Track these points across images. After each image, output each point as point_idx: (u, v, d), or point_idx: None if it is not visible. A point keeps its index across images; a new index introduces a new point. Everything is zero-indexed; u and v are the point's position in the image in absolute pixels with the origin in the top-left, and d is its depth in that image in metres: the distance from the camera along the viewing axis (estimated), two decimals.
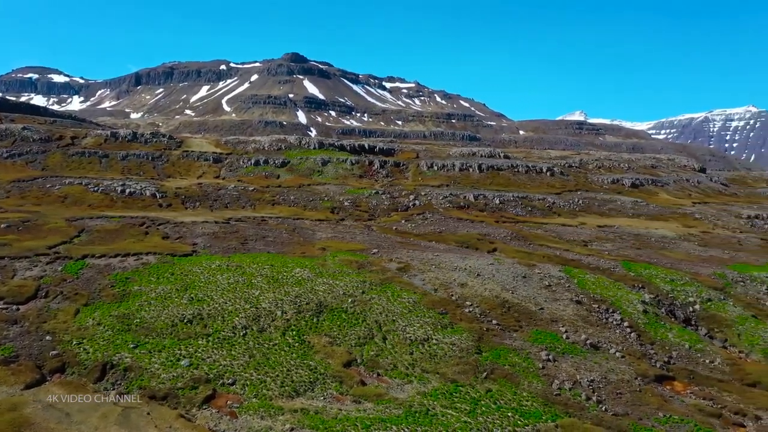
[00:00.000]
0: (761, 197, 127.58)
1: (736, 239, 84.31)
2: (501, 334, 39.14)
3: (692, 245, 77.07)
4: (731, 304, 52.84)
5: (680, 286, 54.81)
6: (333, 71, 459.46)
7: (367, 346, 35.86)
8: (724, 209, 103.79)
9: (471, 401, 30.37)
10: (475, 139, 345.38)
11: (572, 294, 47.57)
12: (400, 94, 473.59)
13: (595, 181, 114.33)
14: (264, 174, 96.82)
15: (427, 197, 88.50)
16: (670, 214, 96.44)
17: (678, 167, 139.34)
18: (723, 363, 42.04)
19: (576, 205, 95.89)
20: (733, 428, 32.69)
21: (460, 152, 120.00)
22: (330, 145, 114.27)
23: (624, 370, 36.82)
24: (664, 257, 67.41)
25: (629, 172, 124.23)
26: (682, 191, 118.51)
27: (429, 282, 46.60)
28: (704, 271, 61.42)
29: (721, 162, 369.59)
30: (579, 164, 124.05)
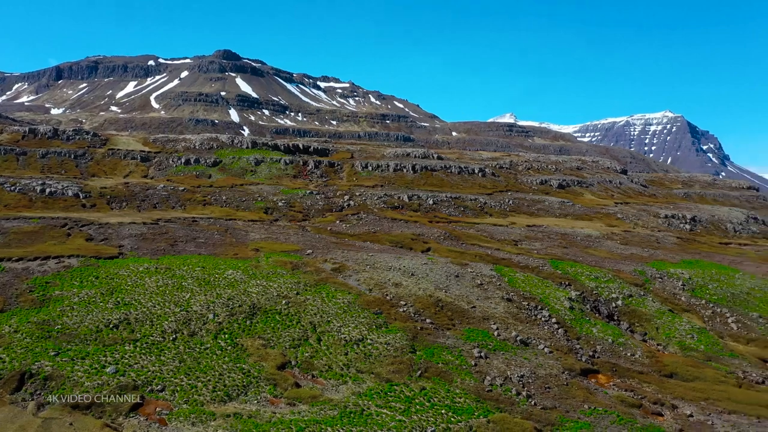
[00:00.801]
0: (677, 198, 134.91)
1: (655, 238, 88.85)
2: (435, 333, 39.72)
3: (615, 244, 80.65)
4: (650, 300, 55.65)
5: (604, 283, 57.24)
6: (266, 69, 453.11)
7: (301, 347, 35.60)
8: (644, 209, 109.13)
9: (405, 400, 30.67)
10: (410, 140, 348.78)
11: (503, 292, 48.83)
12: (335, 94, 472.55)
13: (525, 182, 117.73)
14: (195, 173, 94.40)
15: (362, 197, 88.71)
16: (594, 213, 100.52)
17: (601, 169, 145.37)
18: (643, 355, 44.22)
19: (506, 205, 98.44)
20: (652, 417, 34.43)
21: (395, 153, 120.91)
22: (263, 145, 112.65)
23: (552, 364, 38.10)
24: (589, 255, 70.21)
25: (556, 174, 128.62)
26: (605, 192, 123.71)
27: (364, 282, 46.74)
28: (626, 268, 64.40)
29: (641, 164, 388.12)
30: (509, 166, 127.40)
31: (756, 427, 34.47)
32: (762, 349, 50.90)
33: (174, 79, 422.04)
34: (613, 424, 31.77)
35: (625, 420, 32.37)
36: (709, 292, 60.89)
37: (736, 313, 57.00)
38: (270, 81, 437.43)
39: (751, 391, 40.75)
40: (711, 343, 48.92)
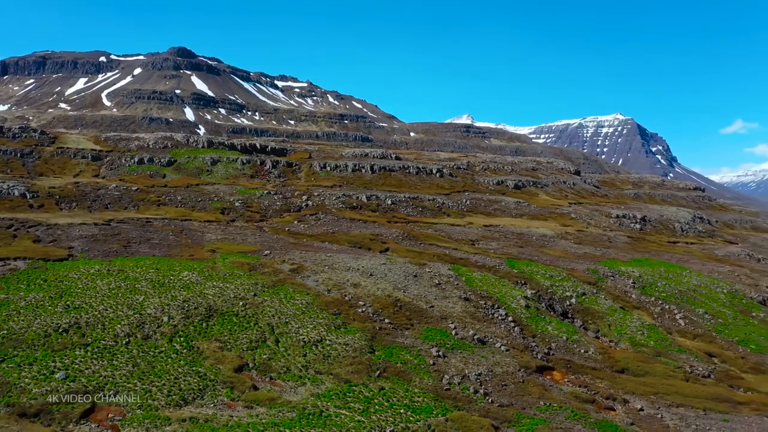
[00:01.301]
0: (628, 198, 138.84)
1: (607, 237, 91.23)
2: (393, 333, 39.86)
3: (569, 243, 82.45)
4: (603, 297, 57.11)
5: (558, 281, 58.45)
6: (223, 68, 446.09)
7: (259, 349, 35.21)
8: (597, 209, 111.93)
9: (364, 400, 30.68)
10: (368, 140, 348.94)
11: (461, 291, 49.35)
12: (293, 94, 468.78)
13: (482, 183, 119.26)
14: (149, 173, 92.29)
15: (320, 198, 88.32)
16: (549, 213, 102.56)
17: (556, 170, 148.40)
18: (596, 352, 45.36)
19: (464, 205, 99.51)
20: (605, 412, 35.36)
21: (353, 153, 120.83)
22: (220, 144, 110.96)
23: (508, 362, 38.72)
24: (544, 255, 71.59)
25: (512, 174, 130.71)
26: (559, 192, 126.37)
27: (322, 283, 46.55)
28: (579, 267, 65.92)
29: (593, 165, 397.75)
30: (466, 166, 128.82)
31: (702, 420, 35.78)
32: (707, 344, 52.86)
33: (127, 76, 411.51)
34: (567, 419, 32.49)
35: (579, 415, 33.15)
36: (658, 289, 62.87)
37: (684, 310, 59.03)
38: (226, 79, 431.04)
39: (697, 385, 42.26)
40: (660, 339, 50.53)
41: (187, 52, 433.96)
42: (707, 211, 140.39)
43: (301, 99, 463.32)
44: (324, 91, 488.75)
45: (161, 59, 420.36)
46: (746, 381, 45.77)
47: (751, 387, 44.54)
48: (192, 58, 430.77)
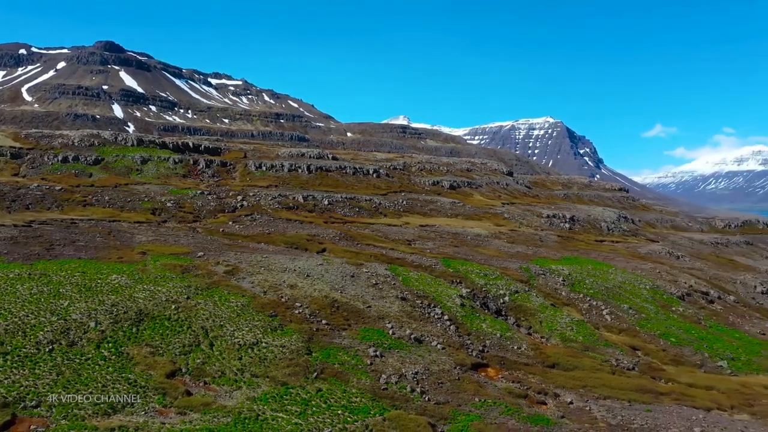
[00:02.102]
0: (558, 198, 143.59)
1: (538, 236, 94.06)
2: (331, 334, 39.72)
3: (502, 242, 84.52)
4: (534, 295, 58.84)
5: (492, 280, 59.80)
6: (153, 63, 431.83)
7: (192, 353, 34.31)
8: (528, 209, 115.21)
9: (302, 402, 30.44)
10: (304, 140, 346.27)
11: (398, 291, 49.71)
12: (227, 92, 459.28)
13: (418, 183, 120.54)
14: (74, 172, 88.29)
15: (256, 198, 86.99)
16: (483, 213, 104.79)
17: (490, 171, 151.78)
18: (528, 348, 46.68)
19: (400, 205, 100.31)
20: (537, 406, 36.46)
21: (289, 153, 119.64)
22: (150, 142, 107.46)
23: (444, 360, 39.31)
24: (478, 254, 73.11)
25: (448, 175, 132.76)
26: (493, 193, 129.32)
27: (258, 284, 45.84)
28: (512, 265, 67.67)
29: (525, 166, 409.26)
30: (403, 167, 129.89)
31: (628, 410, 37.45)
32: (632, 338, 55.37)
33: (49, 70, 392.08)
34: (501, 414, 33.30)
35: (513, 410, 34.05)
36: (586, 286, 65.33)
37: (610, 306, 61.61)
38: (157, 76, 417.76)
39: (623, 377, 44.21)
40: (588, 334, 52.53)
41: (116, 47, 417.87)
42: (631, 210, 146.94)
43: (235, 97, 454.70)
44: (259, 90, 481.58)
45: (87, 53, 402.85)
46: (667, 372, 48.23)
47: (672, 378, 46.96)
48: (120, 53, 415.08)
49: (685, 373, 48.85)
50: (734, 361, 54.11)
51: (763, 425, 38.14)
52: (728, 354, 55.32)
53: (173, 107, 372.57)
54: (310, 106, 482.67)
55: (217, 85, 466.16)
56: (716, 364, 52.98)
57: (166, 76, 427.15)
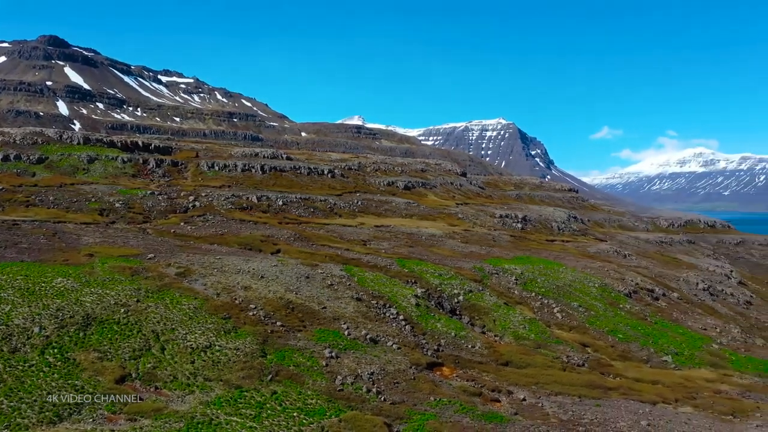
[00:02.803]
0: (510, 199, 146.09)
1: (491, 236, 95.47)
2: (286, 335, 39.38)
3: (456, 242, 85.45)
4: (488, 294, 59.71)
5: (447, 279, 60.39)
6: (100, 59, 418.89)
7: (143, 358, 33.44)
8: (482, 209, 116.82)
9: (256, 405, 30.07)
10: (258, 139, 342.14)
11: (353, 292, 49.66)
12: (178, 90, 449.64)
13: (373, 183, 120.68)
14: (16, 171, 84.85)
15: (208, 198, 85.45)
16: (437, 214, 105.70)
17: (444, 171, 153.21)
18: (482, 347, 47.33)
19: (355, 206, 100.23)
20: (491, 404, 37.02)
21: (243, 153, 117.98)
22: (98, 141, 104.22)
23: (400, 360, 39.48)
24: (433, 254, 73.71)
25: (402, 176, 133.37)
26: (447, 193, 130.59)
27: (211, 286, 45.06)
28: (466, 265, 68.49)
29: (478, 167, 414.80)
30: (358, 167, 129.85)
31: (578, 406, 38.42)
32: (582, 335, 56.83)
33: None
34: (456, 413, 33.66)
35: (467, 408, 34.46)
36: (538, 285, 66.69)
37: (561, 304, 63.07)
38: (105, 72, 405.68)
39: (573, 374, 45.32)
40: (540, 332, 53.64)
41: (60, 42, 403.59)
42: (580, 211, 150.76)
43: (187, 95, 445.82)
44: (212, 88, 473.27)
45: (29, 48, 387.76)
46: (615, 368, 49.70)
47: (619, 373, 48.42)
48: (65, 48, 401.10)
49: (632, 369, 50.46)
50: (678, 355, 56.21)
51: (705, 417, 39.73)
52: (672, 349, 57.44)
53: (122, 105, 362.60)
54: (264, 106, 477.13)
55: (168, 82, 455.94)
56: (661, 358, 54.92)
57: (114, 73, 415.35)
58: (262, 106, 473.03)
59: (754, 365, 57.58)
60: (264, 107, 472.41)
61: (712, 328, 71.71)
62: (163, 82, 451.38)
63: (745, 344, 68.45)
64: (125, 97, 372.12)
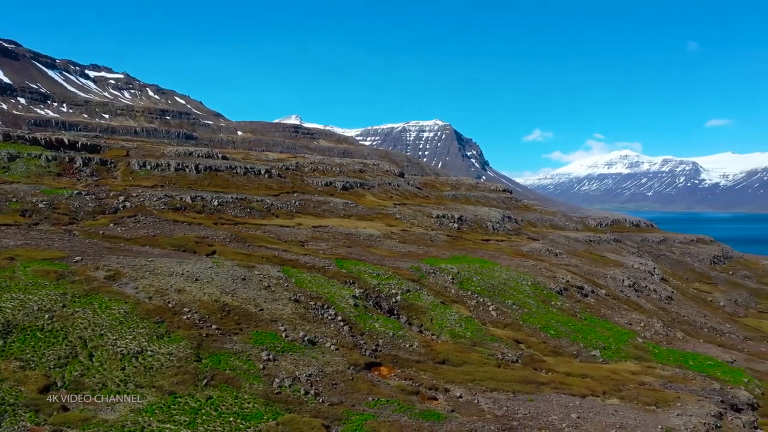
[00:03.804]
0: (447, 199, 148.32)
1: (429, 236, 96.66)
2: (221, 339, 38.60)
3: (394, 242, 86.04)
4: (425, 294, 60.43)
5: (385, 280, 60.73)
6: (22, 52, 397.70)
7: (69, 366, 32.02)
8: (419, 210, 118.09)
9: (191, 411, 29.36)
10: (192, 138, 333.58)
11: (290, 293, 49.21)
12: (107, 85, 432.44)
13: (311, 184, 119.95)
14: None
15: (140, 198, 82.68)
16: (375, 214, 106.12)
17: (382, 172, 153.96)
18: (420, 346, 47.86)
19: (293, 206, 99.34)
20: (428, 402, 37.50)
21: (176, 151, 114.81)
22: (19, 138, 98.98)
23: (338, 361, 39.42)
24: (371, 254, 73.94)
25: (341, 176, 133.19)
26: (385, 194, 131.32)
27: (143, 290, 43.61)
28: (404, 265, 69.07)
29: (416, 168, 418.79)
30: (295, 167, 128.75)
31: (512, 401, 39.44)
32: (516, 332, 58.36)
33: None
34: (394, 412, 33.92)
35: (405, 407, 34.79)
36: (473, 284, 68.02)
37: (496, 302, 64.55)
38: (27, 65, 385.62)
39: (508, 370, 46.48)
40: (476, 330, 54.73)
41: None
42: (514, 211, 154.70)
43: (116, 91, 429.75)
44: (143, 84, 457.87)
45: None
46: (547, 363, 51.31)
47: (551, 368, 50.02)
48: None
49: (563, 363, 52.24)
50: (606, 350, 58.60)
51: (631, 408, 41.63)
52: (600, 344, 59.83)
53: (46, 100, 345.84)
54: (199, 103, 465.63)
55: (96, 77, 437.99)
56: (590, 353, 57.11)
57: (38, 66, 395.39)
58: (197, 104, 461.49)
59: (675, 357, 60.76)
60: (198, 105, 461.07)
61: (637, 322, 75.20)
62: (90, 77, 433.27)
63: (667, 337, 72.14)
64: (49, 92, 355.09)
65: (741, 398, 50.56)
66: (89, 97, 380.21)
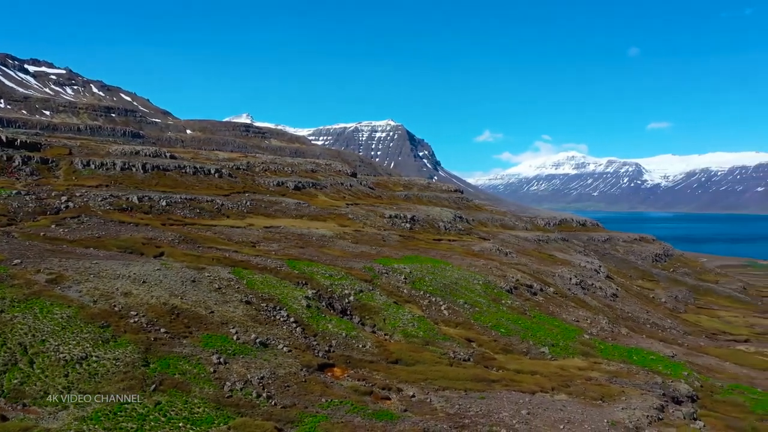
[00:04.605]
0: (399, 199, 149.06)
1: (381, 236, 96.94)
2: (170, 343, 37.73)
3: (347, 243, 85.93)
4: (378, 294, 60.58)
5: (337, 280, 60.59)
6: None
7: (8, 374, 30.69)
8: (372, 210, 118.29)
9: (138, 418, 28.59)
10: (139, 136, 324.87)
11: (242, 295, 48.53)
12: (48, 81, 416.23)
13: (262, 184, 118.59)
14: None
15: (84, 199, 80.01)
16: (328, 214, 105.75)
17: (334, 172, 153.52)
18: (373, 346, 47.95)
19: (244, 206, 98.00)
20: (382, 402, 37.60)
21: (122, 150, 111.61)
22: None
23: (291, 363, 39.10)
24: (323, 254, 73.64)
25: (293, 176, 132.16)
26: (338, 194, 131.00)
27: (87, 293, 42.19)
28: (357, 265, 69.06)
29: (368, 168, 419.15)
30: (247, 167, 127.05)
31: (464, 399, 39.94)
32: (467, 331, 59.14)
33: None
34: (347, 413, 33.86)
35: (358, 408, 34.78)
36: (426, 283, 68.58)
37: (448, 301, 65.25)
38: None
39: (459, 369, 47.05)
40: (428, 329, 55.20)
41: None
42: (465, 210, 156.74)
43: (58, 87, 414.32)
44: (87, 80, 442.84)
45: None
46: (498, 361, 52.20)
47: (502, 366, 50.92)
48: None
49: (514, 361, 53.25)
50: (554, 347, 60.03)
51: (578, 403, 42.79)
52: (549, 341, 61.25)
53: None
54: (146, 101, 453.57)
55: (36, 72, 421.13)
56: (539, 350, 58.40)
57: None
58: (144, 101, 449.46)
59: (620, 353, 62.77)
60: (145, 102, 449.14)
61: (584, 319, 77.33)
62: (30, 72, 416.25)
63: (612, 333, 74.46)
64: None
65: (681, 391, 52.65)
66: (29, 92, 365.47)
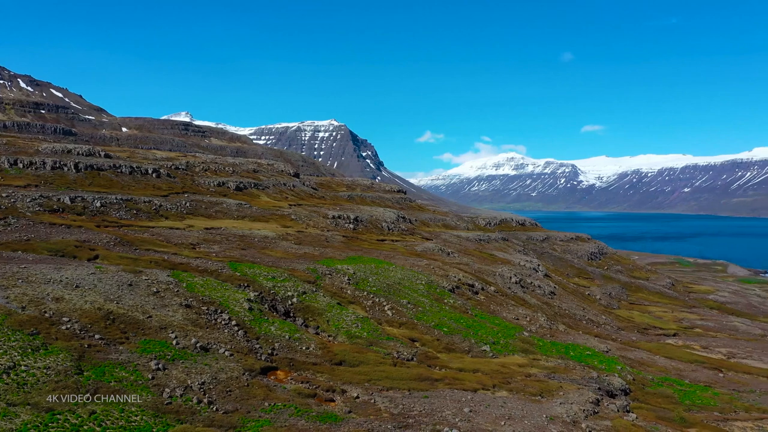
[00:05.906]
0: (342, 200, 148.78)
1: (324, 237, 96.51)
2: (106, 349, 36.42)
3: (290, 244, 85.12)
4: (321, 295, 60.31)
5: (280, 282, 59.96)
6: None
7: None
8: (315, 210, 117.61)
9: (72, 428, 27.47)
10: (71, 134, 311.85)
11: (181, 298, 47.36)
12: None
13: (202, 184, 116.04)
14: None
15: (11, 199, 76.20)
16: (270, 215, 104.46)
17: (276, 172, 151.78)
18: (316, 348, 47.70)
19: (183, 207, 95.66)
20: (326, 404, 37.46)
21: (53, 149, 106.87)
22: None
23: (233, 367, 38.43)
24: (266, 256, 72.71)
25: (234, 176, 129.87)
26: (280, 194, 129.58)
27: (15, 299, 40.19)
28: (300, 267, 68.54)
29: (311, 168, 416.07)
30: (186, 167, 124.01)
31: (408, 399, 40.26)
32: (410, 331, 59.62)
33: None
34: (291, 416, 33.58)
35: (302, 411, 34.55)
36: (369, 284, 68.73)
37: (391, 301, 65.59)
38: None
39: (403, 368, 47.39)
40: (372, 330, 55.35)
41: None
42: (408, 211, 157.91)
43: None
44: (14, 75, 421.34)
45: None
46: (441, 360, 52.86)
47: (445, 364, 51.59)
48: None
49: (456, 359, 54.05)
50: (495, 344, 61.27)
51: (518, 399, 43.84)
52: (490, 339, 62.48)
53: None
54: (78, 97, 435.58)
55: None
56: (481, 348, 59.49)
57: None
58: (76, 98, 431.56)
59: (557, 349, 64.67)
60: (78, 98, 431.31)
61: (524, 317, 79.25)
62: None
63: (550, 330, 76.62)
64: None
65: (615, 385, 54.75)
66: None
